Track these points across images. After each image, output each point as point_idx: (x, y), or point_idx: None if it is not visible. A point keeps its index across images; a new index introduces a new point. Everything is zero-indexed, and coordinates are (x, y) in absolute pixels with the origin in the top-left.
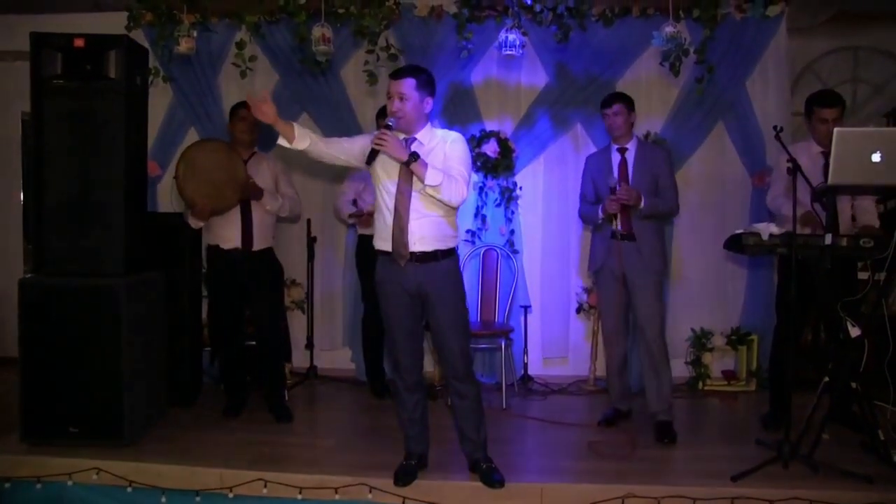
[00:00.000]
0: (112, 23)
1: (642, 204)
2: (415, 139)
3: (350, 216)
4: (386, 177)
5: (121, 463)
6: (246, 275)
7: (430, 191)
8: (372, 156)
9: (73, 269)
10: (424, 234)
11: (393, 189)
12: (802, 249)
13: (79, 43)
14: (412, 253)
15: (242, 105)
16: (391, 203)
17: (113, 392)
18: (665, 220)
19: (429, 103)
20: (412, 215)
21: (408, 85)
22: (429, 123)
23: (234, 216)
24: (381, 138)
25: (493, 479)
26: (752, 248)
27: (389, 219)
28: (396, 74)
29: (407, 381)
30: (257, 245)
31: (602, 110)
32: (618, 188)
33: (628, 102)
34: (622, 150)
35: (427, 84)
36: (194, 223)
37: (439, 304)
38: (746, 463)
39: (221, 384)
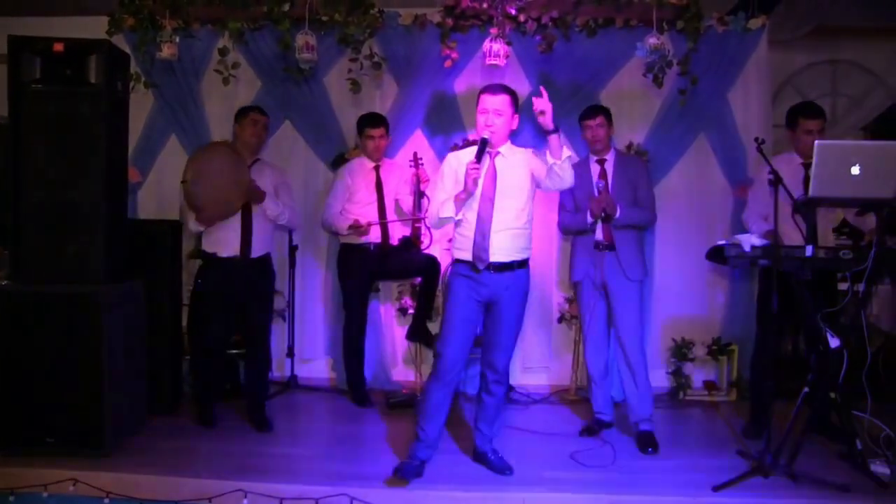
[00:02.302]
0: (93, 27)
1: (617, 213)
2: (499, 153)
3: (349, 228)
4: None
5: (98, 474)
6: (243, 284)
7: (564, 164)
8: (482, 147)
9: (53, 276)
10: (504, 245)
11: (478, 195)
12: (784, 261)
13: (58, 48)
14: (491, 263)
15: (253, 108)
16: (474, 212)
17: (93, 402)
18: (641, 229)
19: (516, 120)
20: (494, 226)
21: (504, 101)
22: (510, 140)
23: (235, 222)
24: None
25: (502, 466)
26: (734, 260)
27: (471, 230)
28: (493, 90)
29: (441, 374)
30: (256, 252)
31: (583, 122)
32: (599, 191)
33: (608, 115)
34: (601, 162)
35: (517, 102)
36: (195, 227)
37: (505, 309)
38: (727, 473)
39: (195, 393)
